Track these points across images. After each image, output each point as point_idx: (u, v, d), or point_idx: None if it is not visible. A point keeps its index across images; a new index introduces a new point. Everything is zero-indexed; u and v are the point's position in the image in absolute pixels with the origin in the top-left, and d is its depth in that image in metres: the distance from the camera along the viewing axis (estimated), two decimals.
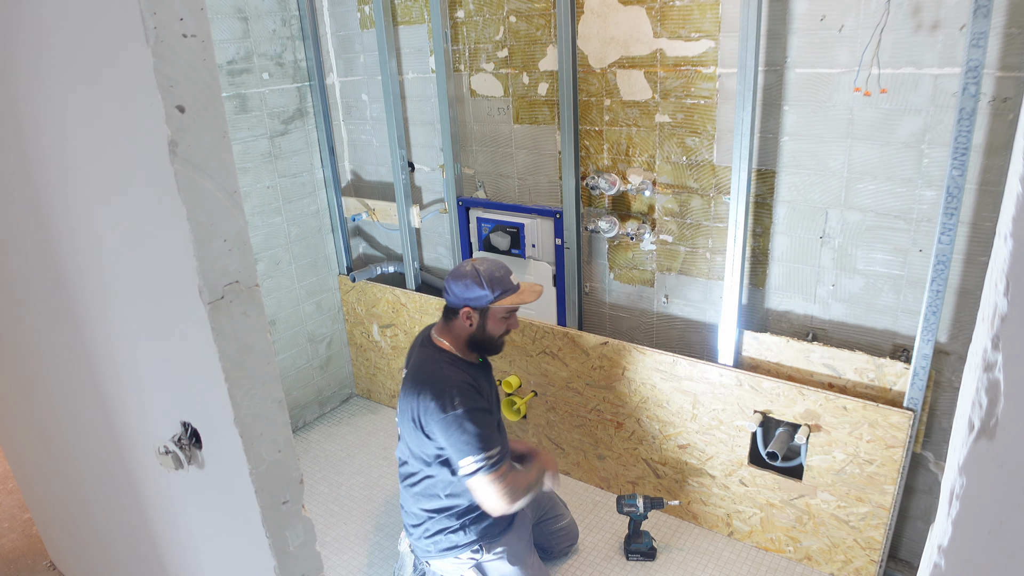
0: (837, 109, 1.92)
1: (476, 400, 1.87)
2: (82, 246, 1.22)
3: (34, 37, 1.07)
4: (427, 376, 1.91)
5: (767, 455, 2.16)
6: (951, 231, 1.75)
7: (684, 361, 2.29)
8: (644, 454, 2.51)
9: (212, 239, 0.92)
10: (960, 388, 0.66)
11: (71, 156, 1.12)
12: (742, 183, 2.04)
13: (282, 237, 3.01)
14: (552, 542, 2.31)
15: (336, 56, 2.98)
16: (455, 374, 1.90)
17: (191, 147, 0.87)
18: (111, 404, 1.41)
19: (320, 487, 2.85)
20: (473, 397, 1.87)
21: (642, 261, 2.45)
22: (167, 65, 0.83)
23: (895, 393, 2.02)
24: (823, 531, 2.20)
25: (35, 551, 2.58)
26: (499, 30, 2.47)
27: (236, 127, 2.73)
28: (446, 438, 1.84)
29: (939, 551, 0.60)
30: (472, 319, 1.95)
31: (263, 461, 1.05)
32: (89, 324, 1.33)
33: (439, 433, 1.85)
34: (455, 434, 1.83)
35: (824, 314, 2.15)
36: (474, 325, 1.96)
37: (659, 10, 2.10)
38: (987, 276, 0.54)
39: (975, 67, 1.60)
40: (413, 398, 1.90)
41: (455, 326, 1.99)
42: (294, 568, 1.14)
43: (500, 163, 2.67)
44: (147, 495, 1.48)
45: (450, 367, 1.92)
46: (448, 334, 2.01)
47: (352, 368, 3.46)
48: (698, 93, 2.13)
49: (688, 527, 2.49)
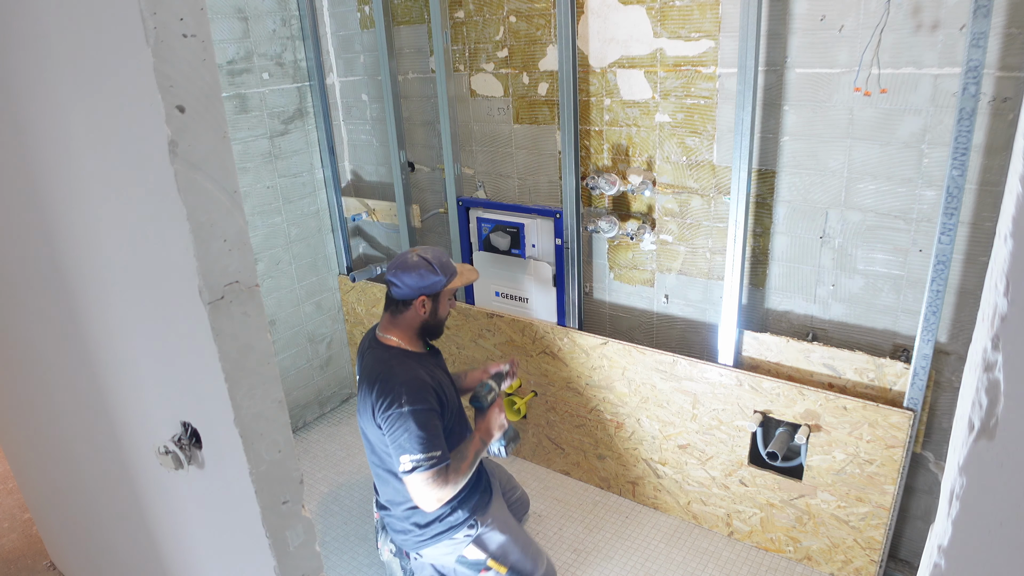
0: (837, 109, 1.92)
1: (425, 399, 1.88)
2: (82, 246, 1.22)
3: (34, 37, 1.07)
4: (379, 374, 1.93)
5: (767, 455, 2.16)
6: (951, 231, 1.75)
7: (684, 361, 2.29)
8: (644, 454, 2.51)
9: (212, 239, 0.92)
10: (960, 388, 0.66)
11: (71, 156, 1.12)
12: (742, 183, 2.04)
13: (282, 237, 3.01)
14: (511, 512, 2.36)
15: (336, 56, 2.98)
16: (406, 370, 1.92)
17: (191, 147, 0.87)
18: (111, 404, 1.41)
19: (320, 487, 2.85)
20: (423, 396, 1.88)
21: (642, 261, 2.45)
22: (167, 65, 0.83)
23: (895, 393, 2.02)
24: (823, 531, 2.20)
25: (35, 551, 2.58)
26: (499, 30, 2.47)
27: (236, 127, 2.73)
28: (389, 433, 1.86)
29: (939, 551, 0.60)
30: (426, 306, 1.99)
31: (263, 461, 1.05)
32: (89, 324, 1.33)
33: (385, 428, 1.87)
34: (398, 431, 1.84)
35: (824, 314, 2.15)
36: (427, 312, 2.00)
37: (659, 10, 2.10)
38: (987, 276, 0.54)
39: (975, 67, 1.60)
40: (368, 397, 1.92)
41: (406, 317, 2.01)
42: (294, 568, 1.14)
43: (500, 163, 2.67)
44: (147, 495, 1.48)
45: (400, 364, 1.94)
46: (396, 328, 2.03)
47: (352, 368, 3.46)
48: (698, 93, 2.13)
49: (688, 527, 2.49)
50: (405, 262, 1.99)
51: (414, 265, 1.97)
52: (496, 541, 2.06)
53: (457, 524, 2.02)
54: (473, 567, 2.04)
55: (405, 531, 2.05)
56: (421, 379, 1.91)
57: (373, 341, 2.06)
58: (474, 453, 2.00)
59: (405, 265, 1.98)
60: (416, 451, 1.82)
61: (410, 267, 1.97)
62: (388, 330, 2.03)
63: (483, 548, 2.04)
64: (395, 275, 1.98)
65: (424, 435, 1.83)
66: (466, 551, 2.03)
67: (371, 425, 1.93)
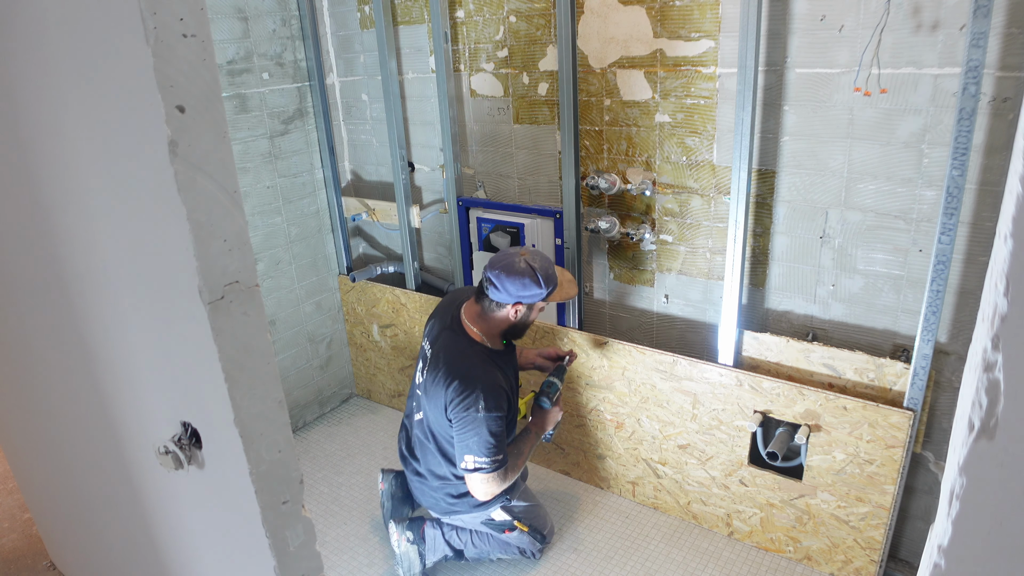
0: (837, 109, 1.92)
1: (500, 406, 1.96)
2: (82, 246, 1.22)
3: (34, 37, 1.06)
4: (461, 370, 1.98)
5: (767, 455, 2.16)
6: (951, 231, 1.75)
7: (684, 361, 2.29)
8: (644, 454, 2.51)
9: (212, 239, 0.92)
10: (960, 388, 0.66)
11: (71, 156, 1.12)
12: (742, 183, 2.04)
13: (282, 237, 3.01)
14: None
15: (336, 56, 2.98)
16: (487, 372, 1.99)
17: (191, 147, 0.87)
18: (111, 404, 1.41)
19: (320, 487, 2.85)
20: (498, 403, 1.96)
21: (642, 261, 2.45)
22: (167, 65, 0.83)
23: (895, 393, 2.02)
24: (823, 531, 2.20)
25: (35, 551, 2.58)
26: (499, 30, 2.47)
27: (236, 127, 2.73)
28: (459, 432, 1.96)
29: (939, 551, 0.60)
30: (519, 313, 2.03)
31: (263, 461, 1.05)
32: (89, 324, 1.33)
33: (456, 425, 1.97)
34: (469, 432, 1.94)
35: (824, 314, 2.15)
36: (518, 317, 2.04)
37: (659, 10, 2.10)
38: (987, 276, 0.54)
39: (975, 67, 1.60)
40: (443, 387, 1.99)
41: (495, 317, 2.04)
42: (294, 568, 1.14)
43: (500, 163, 2.67)
44: (147, 495, 1.48)
45: (483, 364, 2.01)
46: (482, 322, 2.06)
47: (352, 368, 3.47)
48: (698, 93, 2.13)
49: (688, 527, 2.49)
50: (512, 266, 1.97)
51: (520, 272, 1.96)
52: (520, 507, 2.26)
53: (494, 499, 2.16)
54: (498, 528, 2.24)
55: (437, 500, 2.19)
56: (499, 385, 1.99)
57: (456, 323, 2.09)
58: (529, 448, 2.15)
59: (511, 270, 1.96)
60: (482, 455, 1.93)
61: (515, 273, 1.96)
62: (474, 320, 2.07)
63: (510, 513, 2.23)
64: (497, 277, 1.97)
65: (493, 441, 1.94)
66: (494, 515, 2.22)
67: (439, 411, 2.02)
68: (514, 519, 2.24)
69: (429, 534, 2.25)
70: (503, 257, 2.00)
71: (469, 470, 1.95)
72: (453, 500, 2.16)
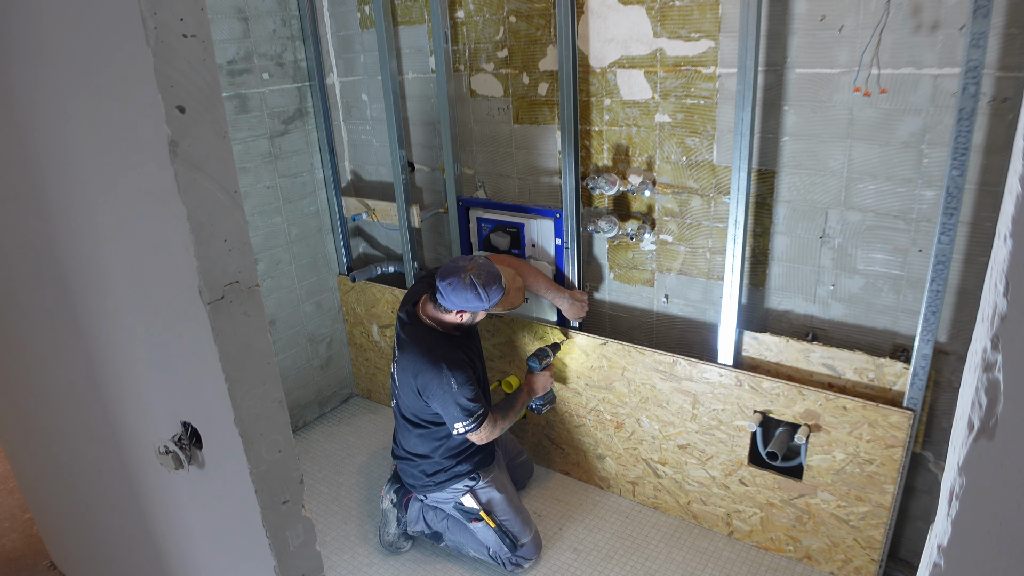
0: (837, 109, 1.92)
1: (468, 376, 2.17)
2: (82, 246, 1.22)
3: (34, 37, 1.07)
4: (426, 355, 2.18)
5: (767, 455, 2.17)
6: (951, 231, 1.75)
7: (684, 361, 2.29)
8: (644, 454, 2.52)
9: (212, 239, 0.92)
10: (960, 388, 0.66)
11: (71, 156, 1.12)
12: (742, 183, 2.04)
13: (282, 237, 3.01)
14: (515, 475, 2.64)
15: (336, 56, 2.98)
16: (447, 351, 2.19)
17: (191, 147, 0.87)
18: (111, 404, 1.41)
19: (320, 487, 2.85)
20: (466, 373, 2.17)
21: (642, 261, 2.45)
22: (167, 65, 0.83)
23: (895, 393, 2.02)
24: (823, 531, 2.20)
25: (35, 551, 2.58)
26: (499, 30, 2.47)
27: (236, 127, 2.73)
28: (443, 409, 2.18)
29: (939, 551, 0.60)
30: (464, 316, 2.21)
31: (263, 461, 1.05)
32: (89, 324, 1.33)
33: (438, 405, 2.18)
34: (450, 407, 2.16)
35: (824, 314, 2.15)
36: (462, 320, 2.22)
37: (659, 10, 2.10)
38: (987, 276, 0.54)
39: (975, 67, 1.60)
40: (411, 375, 2.20)
41: (445, 317, 2.22)
42: (294, 568, 1.14)
43: (500, 163, 2.67)
44: (147, 495, 1.48)
45: (443, 345, 2.21)
46: (436, 317, 2.24)
47: (352, 368, 3.47)
48: (698, 93, 2.13)
49: (688, 527, 2.49)
50: (457, 281, 2.12)
51: (464, 287, 2.11)
52: (489, 496, 2.35)
53: (460, 475, 2.32)
54: (466, 515, 2.35)
55: (415, 477, 2.37)
56: (462, 359, 2.19)
57: (413, 317, 2.28)
58: (520, 404, 2.40)
59: (456, 285, 2.12)
60: (464, 419, 2.15)
61: (459, 288, 2.11)
62: (429, 315, 2.25)
63: (477, 500, 2.33)
64: (443, 288, 2.14)
65: (471, 405, 2.16)
66: (463, 499, 2.34)
67: (411, 394, 2.23)
68: (480, 508, 2.32)
69: (413, 507, 2.45)
70: (451, 270, 2.14)
71: (461, 434, 2.19)
72: (426, 478, 2.34)
